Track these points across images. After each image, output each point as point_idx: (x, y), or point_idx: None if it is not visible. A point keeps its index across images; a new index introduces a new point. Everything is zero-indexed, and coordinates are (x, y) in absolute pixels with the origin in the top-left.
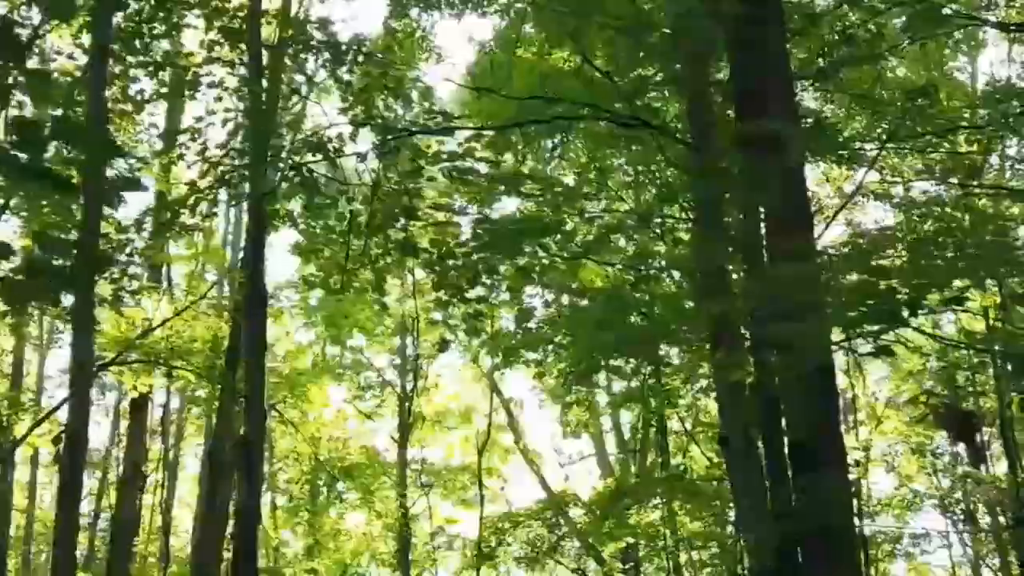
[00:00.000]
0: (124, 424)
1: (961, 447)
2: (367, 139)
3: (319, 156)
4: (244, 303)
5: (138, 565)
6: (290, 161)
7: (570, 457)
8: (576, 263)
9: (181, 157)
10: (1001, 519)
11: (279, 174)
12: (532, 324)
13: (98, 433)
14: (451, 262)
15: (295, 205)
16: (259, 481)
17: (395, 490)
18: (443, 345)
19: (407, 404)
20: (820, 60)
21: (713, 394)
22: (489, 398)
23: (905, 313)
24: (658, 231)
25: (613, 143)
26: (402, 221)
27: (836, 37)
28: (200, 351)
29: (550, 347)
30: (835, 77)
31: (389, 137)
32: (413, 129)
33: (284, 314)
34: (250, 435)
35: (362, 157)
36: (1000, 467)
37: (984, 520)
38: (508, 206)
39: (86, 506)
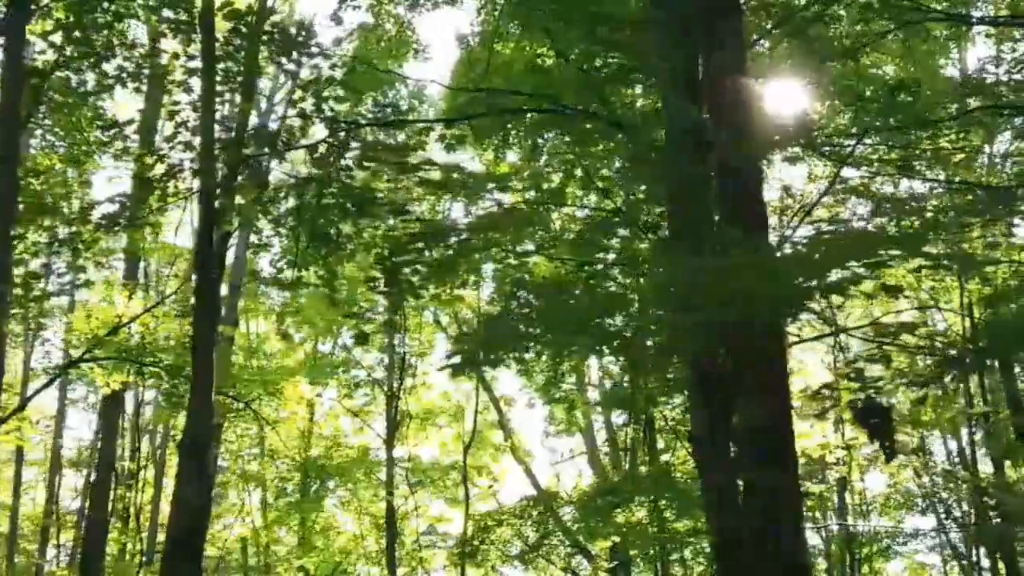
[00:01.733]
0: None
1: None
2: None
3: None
4: (195, 298)
5: (126, 563)
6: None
7: (561, 455)
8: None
9: (126, 151)
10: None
11: (228, 168)
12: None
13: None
14: (400, 259)
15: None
16: (208, 479)
17: (378, 489)
18: (360, 338)
19: (394, 402)
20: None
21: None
22: (475, 395)
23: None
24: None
25: (598, 141)
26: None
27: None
28: (173, 348)
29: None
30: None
31: (341, 130)
32: (362, 122)
33: (274, 312)
34: (197, 432)
35: (312, 150)
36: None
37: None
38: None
39: (78, 503)
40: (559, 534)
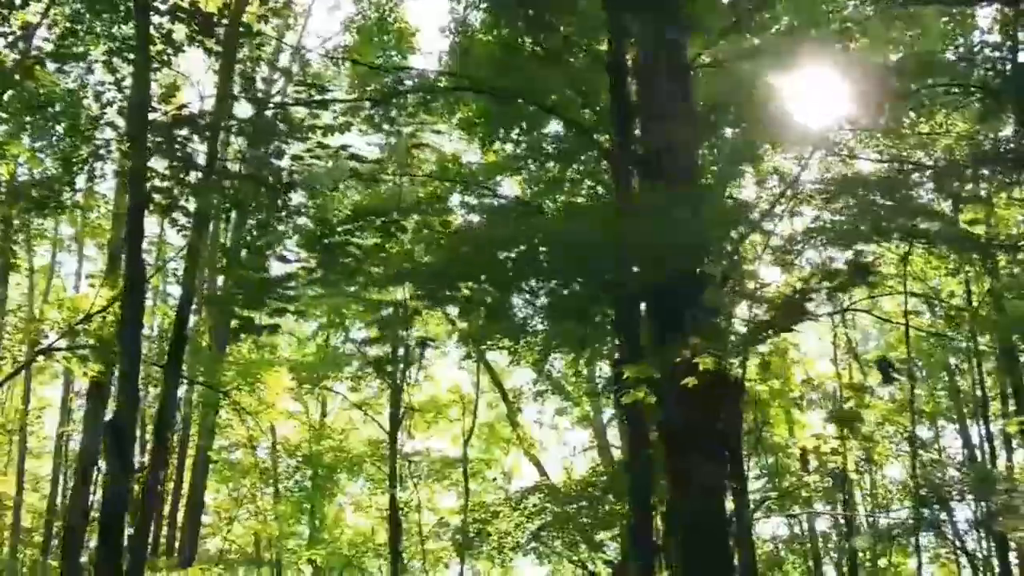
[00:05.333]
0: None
1: None
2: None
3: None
4: (124, 281)
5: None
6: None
7: (574, 448)
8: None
9: (48, 131)
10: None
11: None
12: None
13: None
14: (329, 240)
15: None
16: (131, 467)
17: (382, 482)
18: (238, 331)
19: (399, 395)
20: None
21: None
22: (477, 387)
23: None
24: None
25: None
26: None
27: None
28: (147, 338)
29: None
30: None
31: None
32: (288, 102)
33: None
34: (121, 417)
35: (238, 130)
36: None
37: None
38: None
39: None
40: (563, 524)
